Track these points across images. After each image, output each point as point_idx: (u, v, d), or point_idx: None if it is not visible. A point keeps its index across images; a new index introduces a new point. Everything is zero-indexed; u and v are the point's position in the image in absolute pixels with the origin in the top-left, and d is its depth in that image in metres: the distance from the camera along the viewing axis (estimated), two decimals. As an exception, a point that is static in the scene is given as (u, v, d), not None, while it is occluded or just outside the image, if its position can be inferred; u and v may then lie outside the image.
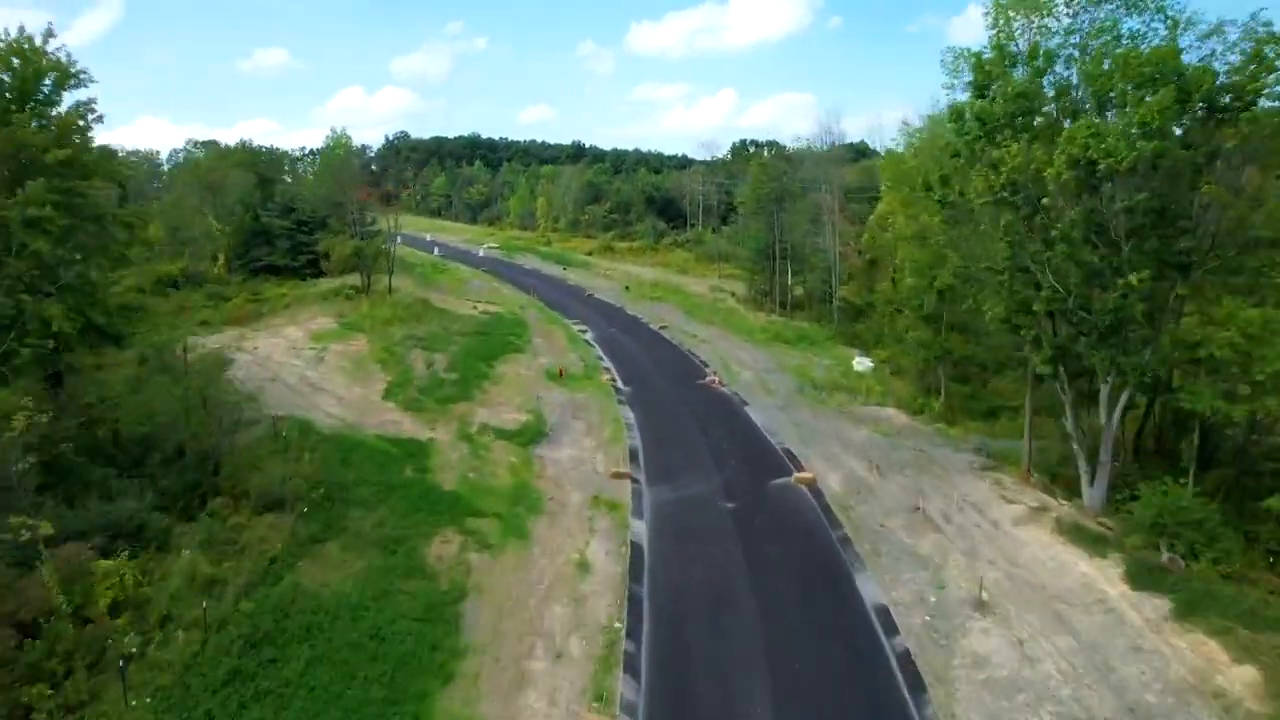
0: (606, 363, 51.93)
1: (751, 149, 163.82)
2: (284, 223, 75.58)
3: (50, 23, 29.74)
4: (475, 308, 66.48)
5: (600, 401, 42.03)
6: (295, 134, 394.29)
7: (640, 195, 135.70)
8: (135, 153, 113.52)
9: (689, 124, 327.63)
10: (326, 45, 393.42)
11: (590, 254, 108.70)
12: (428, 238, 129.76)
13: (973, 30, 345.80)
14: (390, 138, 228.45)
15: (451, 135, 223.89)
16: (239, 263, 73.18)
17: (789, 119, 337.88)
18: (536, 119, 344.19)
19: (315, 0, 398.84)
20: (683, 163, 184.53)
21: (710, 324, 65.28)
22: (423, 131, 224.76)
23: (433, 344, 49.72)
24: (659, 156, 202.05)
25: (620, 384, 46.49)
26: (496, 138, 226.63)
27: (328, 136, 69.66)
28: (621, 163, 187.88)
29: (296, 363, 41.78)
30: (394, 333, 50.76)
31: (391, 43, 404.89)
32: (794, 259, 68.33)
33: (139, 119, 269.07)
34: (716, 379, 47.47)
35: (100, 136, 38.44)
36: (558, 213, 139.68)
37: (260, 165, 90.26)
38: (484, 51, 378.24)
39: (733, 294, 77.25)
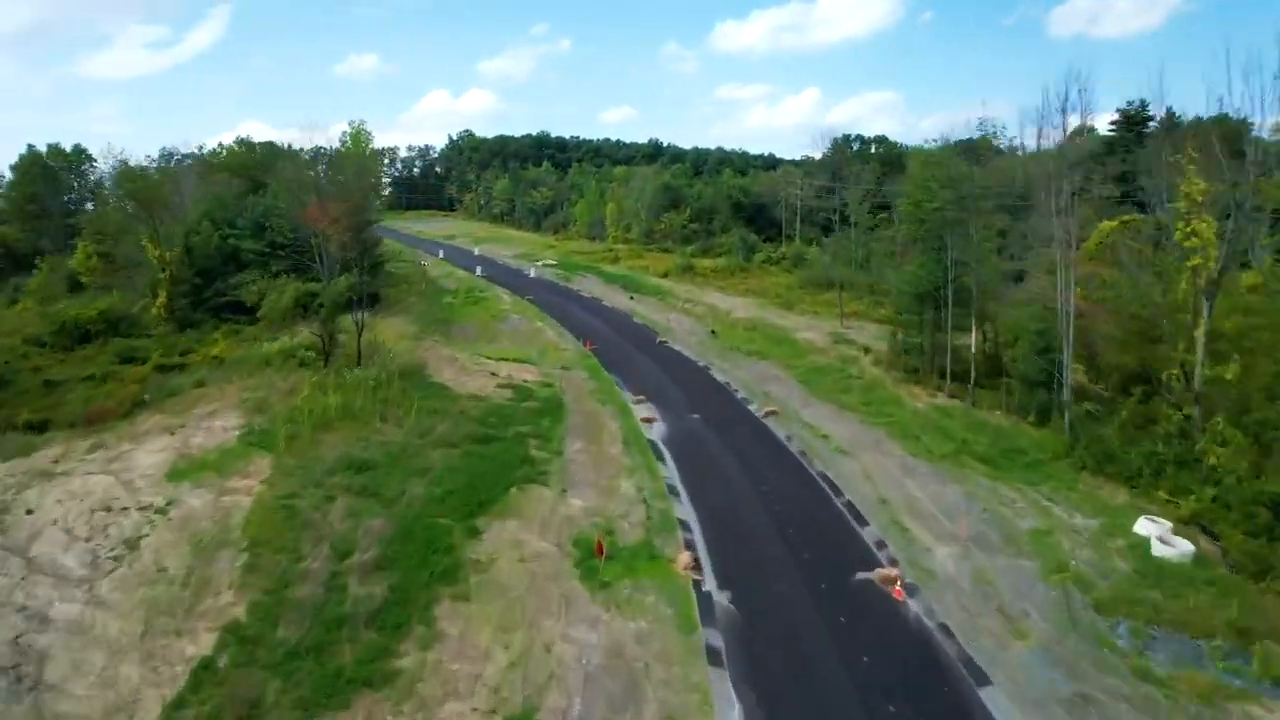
0: (685, 507, 29.79)
1: (855, 144, 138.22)
2: (256, 245, 56.81)
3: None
4: (494, 375, 45.50)
5: (669, 660, 19.97)
6: (384, 136, 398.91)
7: (725, 201, 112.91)
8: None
9: (771, 123, 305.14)
10: (415, 50, 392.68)
11: (666, 276, 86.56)
12: (476, 251, 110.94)
13: (1077, 20, 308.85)
14: (454, 137, 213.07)
15: (518, 134, 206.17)
16: (193, 300, 54.57)
17: (873, 119, 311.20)
18: (618, 120, 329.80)
19: (405, 5, 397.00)
20: (770, 162, 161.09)
21: (843, 407, 42.21)
22: (506, 132, 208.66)
23: (383, 478, 28.64)
24: (744, 156, 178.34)
25: (712, 583, 24.32)
26: (567, 136, 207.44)
27: (344, 131, 50.09)
28: (703, 163, 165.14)
29: (70, 564, 21.14)
30: (324, 452, 29.98)
31: (477, 46, 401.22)
32: (972, 307, 44.21)
33: (241, 124, 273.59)
34: (898, 577, 24.58)
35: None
36: (629, 220, 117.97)
37: (256, 170, 72.53)
38: (568, 53, 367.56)
39: (865, 349, 53.60)
